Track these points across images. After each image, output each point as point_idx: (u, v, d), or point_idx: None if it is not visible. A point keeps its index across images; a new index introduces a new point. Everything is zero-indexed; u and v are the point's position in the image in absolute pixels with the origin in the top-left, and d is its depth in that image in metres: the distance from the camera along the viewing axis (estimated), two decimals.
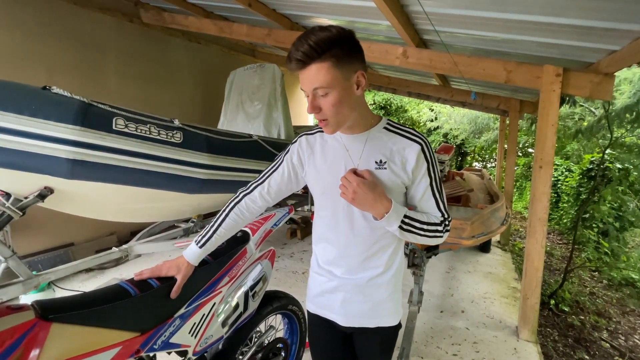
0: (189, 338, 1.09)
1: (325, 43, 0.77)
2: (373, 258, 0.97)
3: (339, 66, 0.79)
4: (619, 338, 3.32)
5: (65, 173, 1.80)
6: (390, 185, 0.90)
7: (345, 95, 0.82)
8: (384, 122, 0.95)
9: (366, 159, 0.91)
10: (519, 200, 9.12)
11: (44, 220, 3.19)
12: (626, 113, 4.18)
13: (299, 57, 0.78)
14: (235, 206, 1.05)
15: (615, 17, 1.58)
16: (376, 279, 0.98)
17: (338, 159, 0.94)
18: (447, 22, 2.19)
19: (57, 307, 0.80)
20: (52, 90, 1.83)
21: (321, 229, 1.04)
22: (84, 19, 3.52)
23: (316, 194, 1.02)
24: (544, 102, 2.22)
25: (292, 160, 1.03)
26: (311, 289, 1.09)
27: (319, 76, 0.79)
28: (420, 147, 0.90)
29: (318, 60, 0.77)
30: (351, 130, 0.93)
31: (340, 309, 1.01)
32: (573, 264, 4.47)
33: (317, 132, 1.02)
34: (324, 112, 0.83)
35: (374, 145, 0.92)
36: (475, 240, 2.36)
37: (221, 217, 1.04)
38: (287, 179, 1.04)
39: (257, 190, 1.05)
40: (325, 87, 0.80)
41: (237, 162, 2.53)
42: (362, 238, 0.96)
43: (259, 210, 1.08)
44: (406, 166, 0.90)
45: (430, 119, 11.35)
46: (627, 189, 5.45)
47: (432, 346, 2.32)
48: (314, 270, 1.09)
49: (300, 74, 0.81)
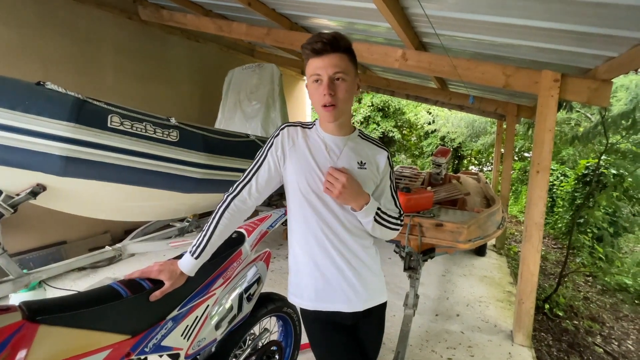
0: (181, 341, 1.07)
1: (347, 42, 0.95)
2: (359, 241, 1.05)
3: (352, 63, 0.97)
4: (612, 343, 3.34)
5: (58, 170, 1.77)
6: (368, 183, 1.04)
7: (353, 88, 0.98)
8: (357, 131, 1.10)
9: (346, 159, 1.02)
10: (515, 205, 9.17)
11: (36, 218, 3.14)
12: (622, 119, 4.21)
13: (327, 41, 0.91)
14: (225, 211, 1.02)
15: (614, 24, 1.59)
16: (363, 265, 1.06)
17: (319, 157, 1.02)
18: (447, 25, 2.19)
19: (45, 308, 0.78)
20: (47, 85, 1.80)
21: (296, 225, 1.06)
22: (82, 14, 3.49)
23: (294, 189, 1.03)
24: (542, 107, 2.23)
25: (277, 154, 1.04)
26: (304, 287, 1.07)
27: (341, 63, 0.93)
28: (387, 154, 1.10)
29: (342, 51, 0.93)
30: (337, 131, 1.04)
31: (342, 296, 1.04)
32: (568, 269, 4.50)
33: (299, 126, 1.07)
34: (337, 96, 0.94)
35: (354, 149, 1.05)
36: (471, 244, 2.35)
37: (212, 225, 1.01)
38: (275, 173, 1.05)
39: (245, 190, 1.04)
40: (345, 74, 0.93)
41: (234, 161, 2.51)
42: (346, 228, 1.03)
43: (250, 210, 1.07)
44: (378, 169, 1.07)
45: (428, 122, 11.39)
46: (621, 194, 5.50)
47: (427, 350, 2.31)
48: (299, 268, 1.07)
49: (322, 58, 0.92)
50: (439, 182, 4.14)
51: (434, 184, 4.13)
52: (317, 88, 0.94)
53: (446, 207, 3.18)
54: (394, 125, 11.67)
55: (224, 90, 4.23)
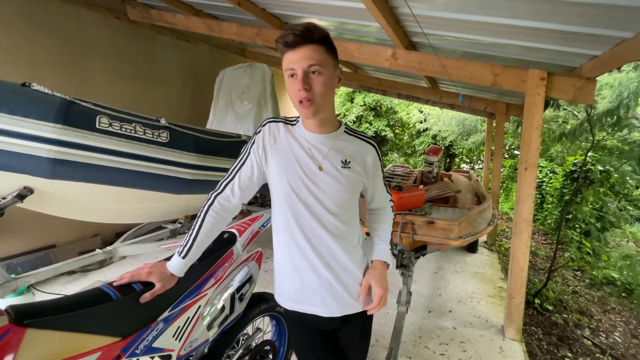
0: (172, 342, 1.06)
1: (322, 32, 0.88)
2: (343, 245, 1.03)
3: (330, 54, 0.91)
4: (600, 335, 3.41)
5: (45, 173, 1.75)
6: (353, 181, 1.01)
7: (332, 81, 0.92)
8: (344, 126, 1.05)
9: (331, 158, 0.99)
10: (506, 201, 9.30)
11: (24, 221, 3.08)
12: (607, 117, 4.31)
13: (299, 33, 0.85)
14: (210, 209, 1.02)
15: (598, 23, 1.63)
16: (345, 270, 1.04)
17: (301, 158, 0.98)
18: (436, 25, 2.22)
19: (33, 312, 0.77)
20: (33, 86, 1.77)
21: (276, 225, 1.05)
22: (69, 14, 3.43)
23: (275, 189, 1.01)
24: (529, 105, 2.27)
25: (258, 151, 1.02)
26: (284, 287, 1.08)
27: (316, 55, 0.87)
28: (375, 149, 1.06)
29: (316, 42, 0.87)
30: (320, 129, 0.99)
31: (320, 301, 1.03)
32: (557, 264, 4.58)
33: (282, 122, 1.03)
34: (313, 90, 0.88)
35: (339, 147, 1.01)
36: (462, 240, 2.38)
37: (198, 224, 1.01)
38: (258, 170, 1.03)
39: (228, 187, 1.04)
40: (321, 66, 0.87)
41: (226, 162, 2.50)
42: (329, 232, 1.00)
43: (235, 208, 1.06)
44: (365, 167, 1.04)
45: (420, 121, 11.49)
46: (608, 190, 5.62)
47: (420, 346, 2.33)
48: (279, 269, 1.08)
49: (295, 51, 0.86)
50: (431, 181, 4.17)
51: (426, 182, 4.17)
52: (292, 83, 0.88)
53: (438, 204, 3.21)
54: (387, 124, 11.74)
55: (215, 90, 4.20)
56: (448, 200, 3.37)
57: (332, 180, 0.98)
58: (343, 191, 0.99)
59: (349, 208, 1.03)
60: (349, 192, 1.01)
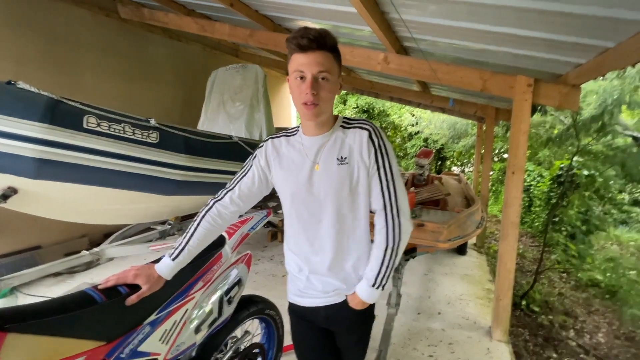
0: (159, 346, 1.05)
1: (333, 40, 0.92)
2: (345, 253, 1.03)
3: (337, 63, 0.94)
4: (585, 336, 3.49)
5: (30, 173, 1.71)
6: (350, 176, 0.98)
7: (336, 87, 0.95)
8: (340, 120, 1.03)
9: (326, 157, 0.99)
10: (495, 204, 9.44)
11: (8, 222, 3.01)
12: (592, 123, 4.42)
13: (314, 38, 0.87)
14: (207, 214, 1.05)
15: (582, 32, 1.67)
16: (348, 274, 1.05)
17: (301, 164, 1.01)
18: (426, 31, 2.25)
19: (14, 316, 0.76)
20: (18, 85, 1.74)
21: (290, 230, 1.08)
22: (58, 11, 3.37)
23: (284, 196, 1.06)
24: (517, 111, 2.32)
25: (260, 164, 1.06)
26: (292, 284, 1.13)
27: (326, 62, 0.90)
28: (368, 132, 0.98)
29: (327, 50, 0.90)
30: (317, 131, 1.00)
31: (323, 299, 1.06)
32: (543, 266, 4.67)
33: (283, 136, 1.07)
34: (319, 95, 0.90)
35: (334, 145, 0.99)
36: (451, 243, 2.41)
37: (193, 227, 1.03)
38: (258, 183, 1.07)
39: (227, 196, 1.07)
40: (329, 73, 0.90)
41: (216, 163, 2.49)
42: (330, 231, 1.00)
43: (231, 216, 1.09)
44: (362, 153, 0.97)
45: (412, 124, 11.58)
46: (593, 194, 5.76)
47: (409, 348, 2.35)
48: (288, 268, 1.13)
49: (306, 54, 0.88)
50: (422, 183, 4.22)
51: (417, 184, 4.21)
52: (299, 85, 0.90)
53: (428, 207, 3.25)
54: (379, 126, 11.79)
55: (207, 90, 4.18)
56: (439, 202, 3.41)
57: (328, 179, 0.99)
58: (340, 188, 0.98)
59: (351, 204, 1.00)
60: (347, 187, 0.98)
